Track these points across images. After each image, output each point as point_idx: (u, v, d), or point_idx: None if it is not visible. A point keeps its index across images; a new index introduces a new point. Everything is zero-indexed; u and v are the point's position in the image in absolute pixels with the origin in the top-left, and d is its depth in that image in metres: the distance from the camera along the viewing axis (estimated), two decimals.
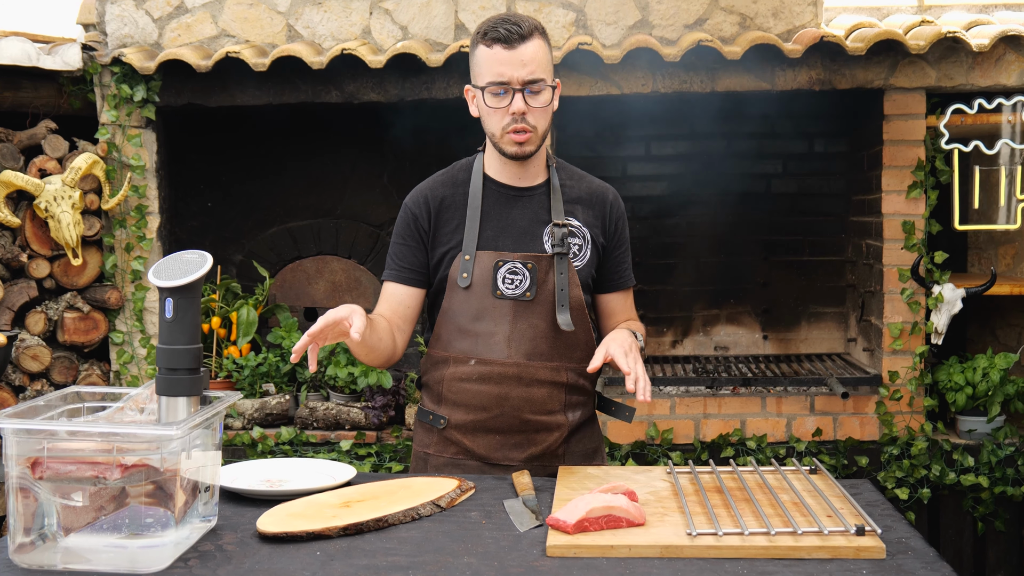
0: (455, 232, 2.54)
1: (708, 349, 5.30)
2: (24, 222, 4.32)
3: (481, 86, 2.45)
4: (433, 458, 2.60)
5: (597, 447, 2.68)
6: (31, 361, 4.29)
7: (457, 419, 2.55)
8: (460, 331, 2.53)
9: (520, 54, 2.40)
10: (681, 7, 4.46)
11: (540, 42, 2.44)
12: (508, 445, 2.54)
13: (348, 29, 4.56)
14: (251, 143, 5.10)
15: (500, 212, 2.55)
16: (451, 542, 1.93)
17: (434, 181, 2.62)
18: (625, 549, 1.86)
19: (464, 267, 2.50)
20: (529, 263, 2.49)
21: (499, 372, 2.49)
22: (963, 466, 4.37)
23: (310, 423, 4.48)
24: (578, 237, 2.56)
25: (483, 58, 2.44)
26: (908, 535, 1.96)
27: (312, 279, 5.14)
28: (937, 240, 4.68)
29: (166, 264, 1.92)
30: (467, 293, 2.50)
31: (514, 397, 2.50)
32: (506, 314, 2.49)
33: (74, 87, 4.53)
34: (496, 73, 2.41)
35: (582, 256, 2.56)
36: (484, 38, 2.43)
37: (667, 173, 5.29)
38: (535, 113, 2.44)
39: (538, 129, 2.47)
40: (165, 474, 1.80)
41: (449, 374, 2.54)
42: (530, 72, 2.40)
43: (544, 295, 2.50)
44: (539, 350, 2.51)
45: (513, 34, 2.40)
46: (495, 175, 2.58)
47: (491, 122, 2.48)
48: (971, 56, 4.31)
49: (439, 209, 2.56)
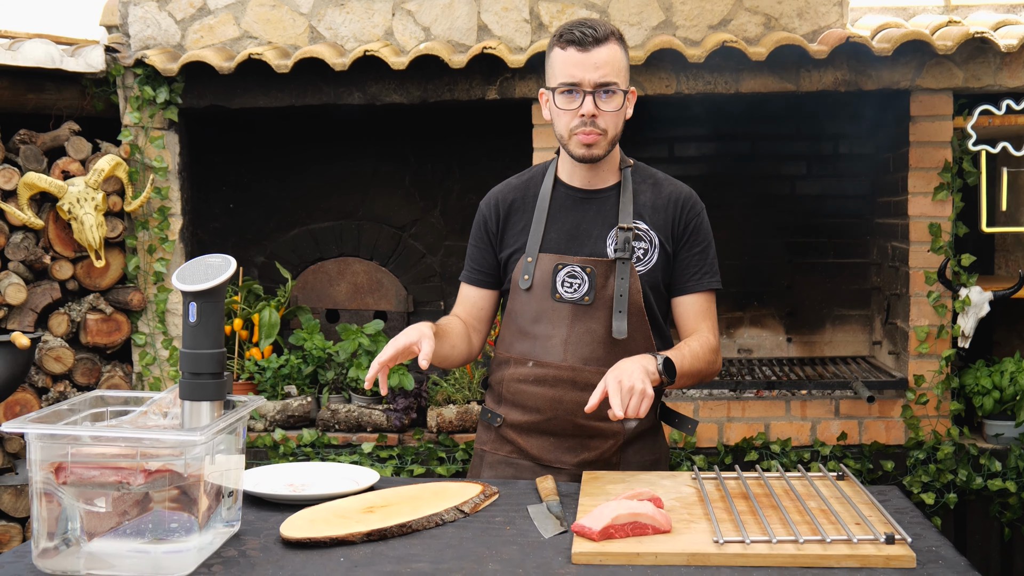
0: (521, 234, 2.56)
1: (732, 352, 5.27)
2: (47, 224, 4.33)
3: (553, 87, 2.46)
4: (489, 455, 2.63)
5: (658, 459, 2.63)
6: (54, 363, 4.30)
7: (513, 419, 2.57)
8: (521, 333, 2.54)
9: (593, 57, 2.40)
10: (705, 8, 4.44)
11: (616, 47, 2.43)
12: (561, 448, 2.54)
13: (370, 30, 4.55)
14: (273, 145, 5.11)
15: (567, 215, 2.55)
16: (475, 548, 1.91)
17: (508, 184, 2.66)
18: (651, 557, 1.84)
19: (526, 269, 2.51)
20: (588, 267, 2.48)
21: (554, 375, 2.49)
22: (990, 471, 4.33)
23: (332, 425, 4.48)
24: (644, 241, 2.52)
25: (557, 59, 2.45)
26: (938, 544, 1.94)
27: (334, 281, 5.13)
28: (964, 242, 4.63)
29: (190, 268, 1.91)
30: (528, 295, 2.52)
31: (568, 401, 2.49)
32: (564, 317, 2.49)
33: (97, 89, 4.54)
34: (568, 74, 2.41)
35: (647, 260, 2.52)
36: (560, 40, 2.44)
37: (691, 175, 5.23)
38: (605, 117, 2.44)
39: (608, 133, 2.46)
40: (189, 479, 1.79)
41: (509, 375, 2.56)
42: (603, 75, 2.40)
43: (603, 300, 2.48)
44: (595, 355, 2.48)
45: (588, 37, 2.40)
46: (567, 178, 2.59)
47: (560, 123, 2.48)
48: (999, 56, 4.27)
49: (508, 212, 2.59)
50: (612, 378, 2.24)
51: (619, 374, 2.25)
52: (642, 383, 2.23)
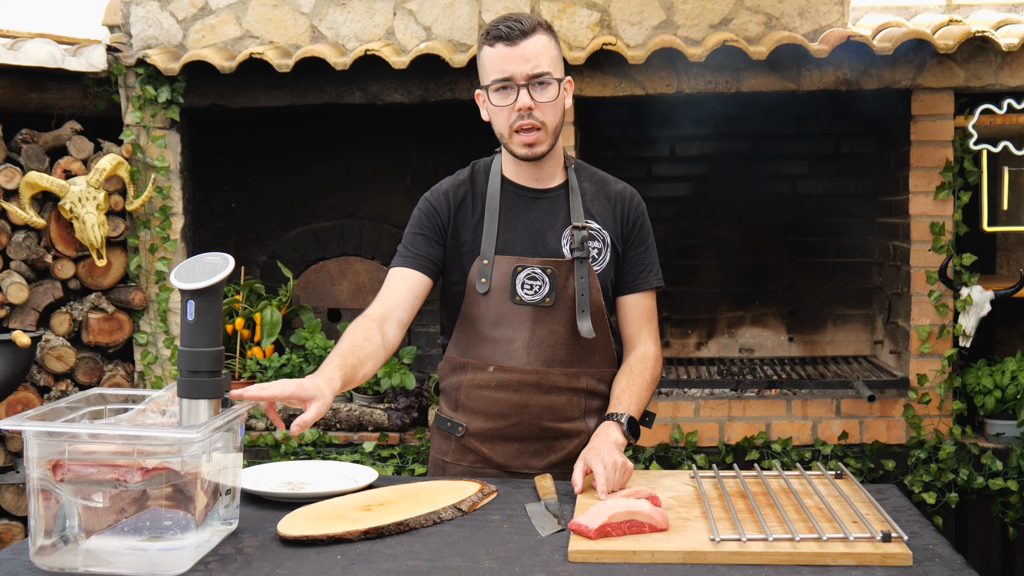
0: (473, 233, 2.50)
1: (733, 351, 5.27)
2: (49, 223, 4.33)
3: (486, 85, 2.41)
4: (451, 466, 2.56)
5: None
6: (56, 362, 4.30)
7: (475, 427, 2.51)
8: (479, 337, 2.49)
9: (522, 50, 2.34)
10: (706, 7, 4.44)
11: (544, 37, 2.38)
12: (528, 453, 2.51)
13: (372, 30, 4.56)
14: (275, 144, 5.11)
15: (518, 215, 2.50)
16: (472, 546, 1.91)
17: (454, 180, 2.59)
18: (648, 555, 1.84)
19: (482, 272, 2.45)
20: (548, 268, 2.45)
21: (518, 379, 2.46)
22: (991, 470, 4.32)
23: (333, 424, 4.48)
24: (597, 240, 2.50)
25: (487, 58, 2.39)
26: (935, 542, 1.94)
27: (336, 280, 5.14)
28: (965, 242, 4.62)
29: (188, 266, 1.91)
30: (486, 299, 2.46)
31: (533, 405, 2.47)
32: (525, 320, 2.45)
33: (99, 88, 4.55)
34: (500, 70, 2.36)
35: (602, 260, 2.49)
36: (487, 38, 2.39)
37: (692, 174, 5.26)
38: (542, 108, 2.38)
39: (547, 126, 2.40)
40: (185, 477, 1.80)
41: (467, 381, 2.51)
42: (534, 67, 2.35)
43: (564, 301, 2.45)
44: (558, 357, 2.47)
45: (514, 31, 2.34)
46: (512, 176, 2.53)
47: (498, 121, 2.42)
48: (1000, 56, 4.26)
49: (458, 207, 2.52)
50: (595, 461, 2.21)
51: (598, 454, 2.24)
52: (621, 457, 2.24)
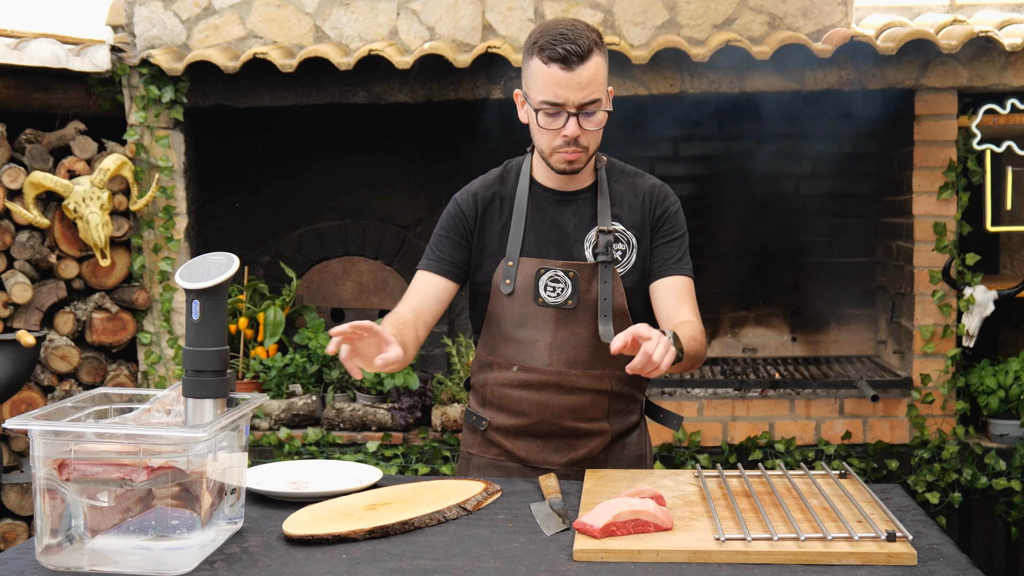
0: (500, 235, 2.51)
1: (736, 351, 5.27)
2: (53, 223, 4.34)
3: (535, 104, 2.37)
4: (476, 458, 2.60)
5: (642, 454, 2.63)
6: (60, 361, 4.31)
7: (499, 422, 2.55)
8: (504, 337, 2.51)
9: (577, 76, 2.30)
10: (710, 7, 4.44)
11: (598, 57, 2.33)
12: (548, 450, 2.53)
13: (375, 30, 4.56)
14: (278, 144, 5.12)
15: (545, 217, 2.51)
16: (477, 545, 1.91)
17: (484, 180, 2.58)
18: (652, 554, 1.84)
19: (507, 273, 2.47)
20: (571, 271, 2.45)
21: (540, 380, 2.48)
22: (995, 470, 4.32)
23: (337, 424, 4.48)
24: (622, 242, 2.49)
25: (539, 74, 2.34)
26: (940, 541, 1.94)
27: (339, 280, 5.14)
28: (968, 242, 4.62)
29: (193, 266, 1.91)
30: (510, 300, 2.48)
31: (555, 405, 2.49)
32: (548, 322, 2.46)
33: (103, 88, 4.56)
34: (552, 94, 2.32)
35: (626, 262, 2.49)
36: (542, 54, 2.32)
37: (695, 174, 5.26)
38: (588, 135, 2.37)
39: (589, 149, 2.40)
40: (191, 476, 1.80)
41: (493, 378, 2.54)
42: (587, 95, 2.32)
43: (586, 304, 2.46)
44: (581, 358, 2.47)
45: (572, 55, 2.28)
46: (542, 179, 2.54)
47: (542, 140, 2.41)
48: (1004, 56, 4.26)
49: (486, 210, 2.53)
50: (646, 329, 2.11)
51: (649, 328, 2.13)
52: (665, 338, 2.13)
